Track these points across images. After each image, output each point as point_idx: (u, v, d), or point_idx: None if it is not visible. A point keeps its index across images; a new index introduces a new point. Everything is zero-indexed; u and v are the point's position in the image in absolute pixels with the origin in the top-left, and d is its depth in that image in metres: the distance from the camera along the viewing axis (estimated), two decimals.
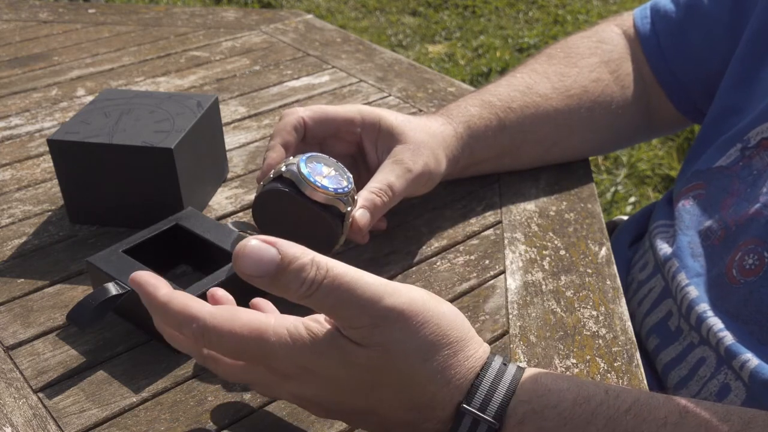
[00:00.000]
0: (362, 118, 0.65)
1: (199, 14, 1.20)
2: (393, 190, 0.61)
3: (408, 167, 0.62)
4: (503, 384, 0.41)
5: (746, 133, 0.64)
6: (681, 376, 0.60)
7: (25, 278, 0.62)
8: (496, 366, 0.42)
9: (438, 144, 0.65)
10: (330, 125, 0.65)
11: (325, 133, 0.65)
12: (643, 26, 0.77)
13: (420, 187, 0.64)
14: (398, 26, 3.27)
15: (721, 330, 0.57)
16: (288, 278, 0.39)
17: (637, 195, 2.07)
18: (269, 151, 0.62)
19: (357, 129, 0.65)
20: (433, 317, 0.41)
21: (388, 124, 0.64)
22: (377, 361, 0.40)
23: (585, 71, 0.75)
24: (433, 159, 0.64)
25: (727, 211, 0.62)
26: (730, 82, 0.70)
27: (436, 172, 0.65)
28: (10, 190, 0.74)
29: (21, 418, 0.49)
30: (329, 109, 0.65)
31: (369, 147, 0.65)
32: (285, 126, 0.63)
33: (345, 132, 0.65)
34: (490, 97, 0.71)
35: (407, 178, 0.62)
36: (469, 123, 0.69)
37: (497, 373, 0.42)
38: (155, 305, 0.44)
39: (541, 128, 0.72)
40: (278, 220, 0.58)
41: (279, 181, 0.56)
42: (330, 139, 0.66)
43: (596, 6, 3.47)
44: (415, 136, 0.64)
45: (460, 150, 0.68)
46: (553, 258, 0.64)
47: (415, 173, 0.62)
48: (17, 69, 1.00)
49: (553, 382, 0.42)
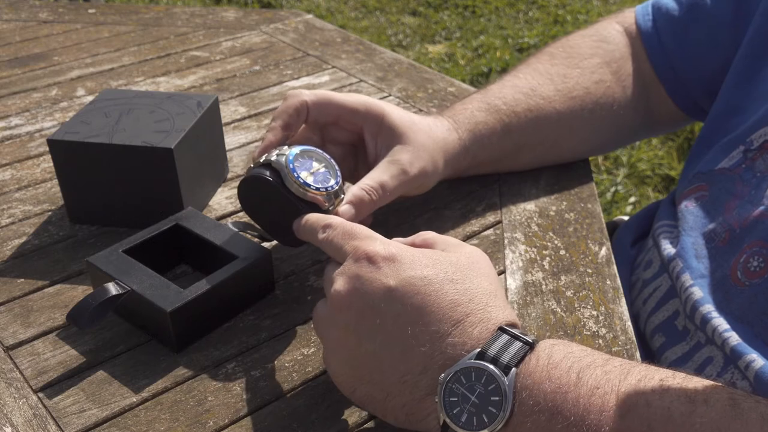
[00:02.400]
0: (366, 110, 0.64)
1: (199, 14, 1.20)
2: (384, 190, 0.61)
3: (404, 169, 0.62)
4: (529, 336, 0.45)
5: (749, 135, 0.64)
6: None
7: (25, 278, 0.62)
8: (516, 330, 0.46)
9: (438, 149, 0.65)
10: (332, 112, 0.64)
11: (326, 119, 0.65)
12: (644, 23, 0.77)
13: (413, 189, 0.65)
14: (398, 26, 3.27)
15: (726, 330, 0.56)
16: None
17: (637, 195, 2.07)
18: (269, 132, 0.62)
19: (359, 119, 0.65)
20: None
21: (391, 121, 0.64)
22: (462, 259, 0.48)
23: (587, 72, 0.75)
24: (431, 163, 0.64)
25: (731, 214, 0.62)
26: (732, 82, 0.70)
27: (432, 176, 0.65)
28: (10, 190, 0.74)
29: (21, 418, 0.49)
30: (335, 96, 0.64)
31: (369, 140, 0.65)
32: (287, 108, 0.63)
33: (346, 122, 0.65)
34: (496, 101, 0.71)
35: (401, 180, 0.62)
36: (474, 130, 0.69)
37: (521, 330, 0.45)
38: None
39: (543, 131, 0.72)
40: (260, 205, 0.59)
41: (267, 168, 0.57)
42: (331, 126, 0.66)
43: (596, 6, 3.47)
44: (417, 138, 0.64)
45: (462, 156, 0.68)
46: (553, 258, 0.64)
47: (411, 176, 0.62)
48: (17, 69, 1.00)
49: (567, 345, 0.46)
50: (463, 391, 0.42)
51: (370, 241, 0.48)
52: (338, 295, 0.47)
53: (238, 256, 0.57)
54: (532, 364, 0.43)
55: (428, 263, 0.47)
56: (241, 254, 0.58)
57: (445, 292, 0.45)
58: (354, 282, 0.46)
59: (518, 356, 0.42)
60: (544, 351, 0.43)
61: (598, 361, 0.43)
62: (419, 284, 0.45)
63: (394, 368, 0.45)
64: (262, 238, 0.63)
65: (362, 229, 0.50)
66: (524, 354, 0.43)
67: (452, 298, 0.45)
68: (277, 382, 0.52)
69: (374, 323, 0.45)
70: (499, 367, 0.42)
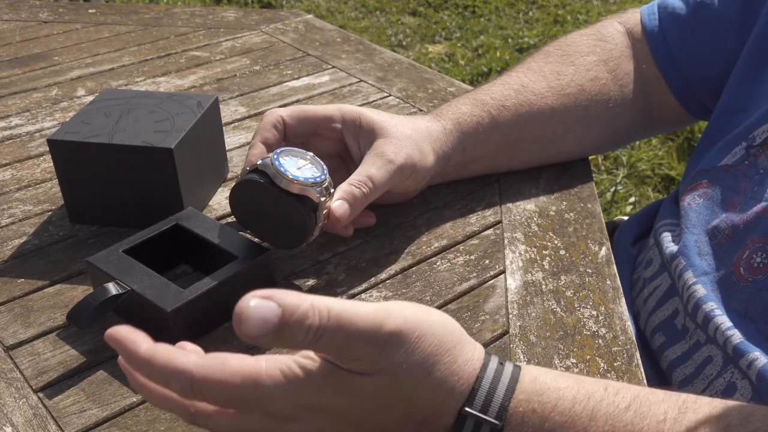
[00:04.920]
0: (342, 114, 0.66)
1: (199, 14, 1.20)
2: (373, 182, 0.61)
3: (389, 158, 0.62)
4: (502, 384, 0.41)
5: (751, 132, 0.64)
6: (686, 374, 0.60)
7: (25, 278, 0.62)
8: (493, 366, 0.42)
9: (423, 137, 0.66)
10: (309, 123, 0.66)
11: (305, 130, 0.66)
12: (650, 22, 0.77)
13: (405, 180, 0.65)
14: (398, 26, 3.27)
15: (729, 329, 0.57)
16: (293, 330, 0.37)
17: (637, 195, 2.07)
18: (250, 149, 0.63)
19: (337, 125, 0.66)
20: (428, 329, 0.40)
21: (369, 119, 0.65)
22: (383, 386, 0.40)
23: (582, 69, 0.75)
24: (417, 151, 0.64)
25: (735, 210, 0.62)
26: (735, 80, 0.70)
27: (422, 165, 0.65)
28: (10, 190, 0.74)
29: (21, 418, 0.49)
30: (308, 107, 0.66)
31: (352, 143, 0.66)
32: (265, 125, 0.64)
33: (325, 129, 0.66)
34: (483, 96, 0.71)
35: (388, 170, 0.62)
36: (458, 120, 0.69)
37: (495, 373, 0.42)
38: (138, 361, 0.41)
39: (537, 127, 0.72)
40: (254, 212, 0.60)
41: (254, 173, 0.58)
42: (313, 137, 0.67)
43: (596, 6, 3.47)
44: (398, 130, 0.65)
45: (450, 146, 0.68)
46: (553, 258, 0.64)
47: (397, 164, 0.63)
48: (17, 69, 1.00)
49: (552, 381, 0.42)
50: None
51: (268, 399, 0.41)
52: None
53: (238, 256, 0.57)
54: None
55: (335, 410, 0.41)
56: (241, 254, 0.58)
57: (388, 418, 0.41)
58: None
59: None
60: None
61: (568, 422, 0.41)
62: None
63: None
64: (262, 238, 0.63)
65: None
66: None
67: (399, 415, 0.41)
68: None
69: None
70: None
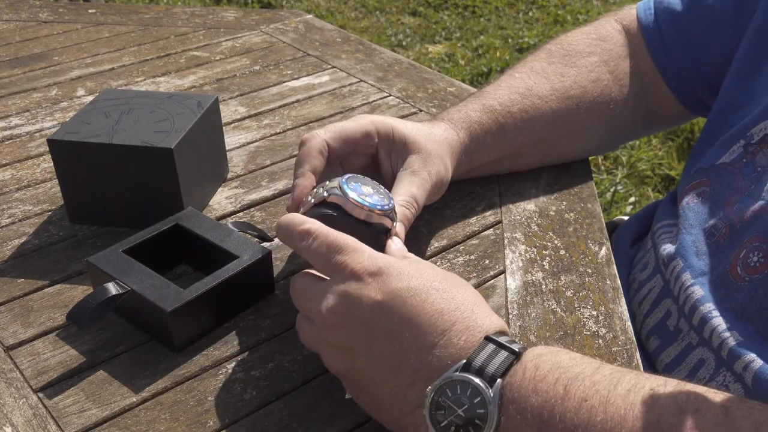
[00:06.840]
0: (377, 130, 0.64)
1: (199, 14, 1.20)
2: (418, 202, 0.61)
3: (425, 177, 0.62)
4: (516, 344, 0.44)
5: (749, 130, 0.64)
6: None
7: (25, 278, 0.62)
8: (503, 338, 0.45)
9: (445, 152, 0.65)
10: (351, 143, 0.63)
11: (346, 151, 0.64)
12: (646, 18, 0.78)
13: (433, 196, 0.64)
14: (398, 26, 3.27)
15: (725, 330, 0.56)
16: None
17: (637, 195, 2.07)
18: (300, 179, 0.60)
19: (374, 141, 0.64)
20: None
21: (401, 134, 0.64)
22: (447, 272, 0.49)
23: (584, 71, 0.75)
24: (443, 167, 0.64)
25: (732, 208, 0.62)
26: (732, 78, 0.70)
27: (446, 180, 0.65)
28: (10, 190, 0.74)
29: (21, 418, 0.49)
30: (347, 126, 0.63)
31: (384, 158, 0.65)
32: (310, 151, 0.61)
33: (363, 147, 0.64)
34: (491, 102, 0.71)
35: (426, 189, 0.62)
36: (470, 129, 0.69)
37: (508, 339, 0.45)
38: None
39: (540, 130, 0.72)
40: None
41: (323, 206, 0.55)
42: (350, 156, 0.65)
43: (596, 6, 3.47)
44: (426, 146, 0.64)
45: (463, 156, 0.68)
46: (553, 258, 0.64)
47: (432, 183, 0.62)
48: (17, 69, 1.00)
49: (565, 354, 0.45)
50: (450, 404, 0.42)
51: (357, 255, 0.48)
52: (328, 315, 0.47)
53: (238, 256, 0.57)
54: (519, 377, 0.42)
55: (414, 274, 0.47)
56: (241, 254, 0.58)
57: (431, 302, 0.45)
58: (343, 300, 0.46)
59: (504, 366, 0.42)
60: (531, 362, 0.43)
61: (587, 370, 0.42)
62: (405, 295, 0.45)
63: (386, 381, 0.45)
64: (262, 238, 0.63)
65: (347, 241, 0.49)
66: (510, 363, 0.42)
67: (438, 307, 0.45)
68: (277, 382, 0.52)
69: (366, 339, 0.45)
70: (484, 379, 0.42)
